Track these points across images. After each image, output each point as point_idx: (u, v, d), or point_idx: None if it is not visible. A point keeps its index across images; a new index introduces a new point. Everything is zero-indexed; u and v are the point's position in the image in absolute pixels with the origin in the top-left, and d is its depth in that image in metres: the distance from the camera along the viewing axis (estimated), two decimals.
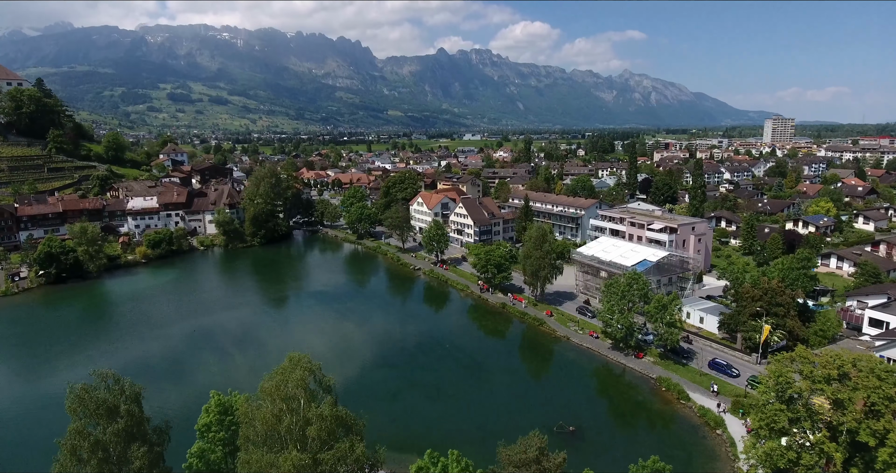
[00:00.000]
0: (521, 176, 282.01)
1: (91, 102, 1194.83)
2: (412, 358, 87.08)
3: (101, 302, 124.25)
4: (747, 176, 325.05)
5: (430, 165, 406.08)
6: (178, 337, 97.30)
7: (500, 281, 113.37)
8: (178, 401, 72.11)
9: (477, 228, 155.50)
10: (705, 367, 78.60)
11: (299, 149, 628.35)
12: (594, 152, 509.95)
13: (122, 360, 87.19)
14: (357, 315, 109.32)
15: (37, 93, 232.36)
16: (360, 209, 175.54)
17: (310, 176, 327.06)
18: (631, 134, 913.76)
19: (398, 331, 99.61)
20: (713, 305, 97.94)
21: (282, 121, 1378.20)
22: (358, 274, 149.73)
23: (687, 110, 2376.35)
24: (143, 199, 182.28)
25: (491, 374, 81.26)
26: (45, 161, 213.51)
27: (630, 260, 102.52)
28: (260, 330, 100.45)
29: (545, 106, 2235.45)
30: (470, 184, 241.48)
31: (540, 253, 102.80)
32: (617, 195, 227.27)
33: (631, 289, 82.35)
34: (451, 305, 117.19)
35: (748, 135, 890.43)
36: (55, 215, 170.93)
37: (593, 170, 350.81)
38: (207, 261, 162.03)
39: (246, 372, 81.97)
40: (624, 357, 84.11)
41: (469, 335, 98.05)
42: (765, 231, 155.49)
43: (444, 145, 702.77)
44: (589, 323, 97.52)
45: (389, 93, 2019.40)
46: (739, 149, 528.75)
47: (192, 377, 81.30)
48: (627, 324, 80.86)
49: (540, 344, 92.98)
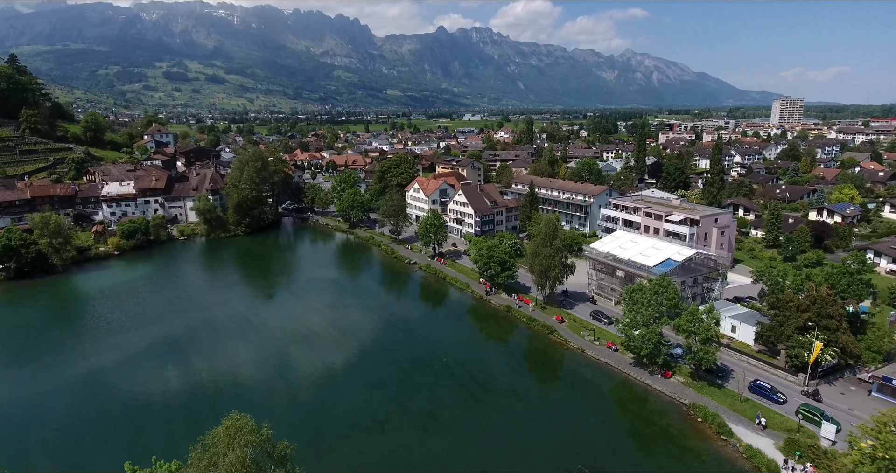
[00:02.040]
0: (523, 158, 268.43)
1: (86, 81, 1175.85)
2: (404, 376, 75.58)
3: (61, 302, 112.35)
4: (758, 159, 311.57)
5: (428, 147, 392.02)
6: (139, 346, 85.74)
7: (505, 280, 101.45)
8: (121, 441, 60.84)
9: (478, 218, 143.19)
10: (745, 390, 67.12)
11: (296, 129, 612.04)
12: (597, 133, 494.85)
13: (66, 377, 75.94)
14: (344, 319, 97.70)
15: (8, 70, 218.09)
16: (352, 195, 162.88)
17: (304, 157, 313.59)
18: (633, 114, 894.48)
19: (389, 341, 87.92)
20: (747, 311, 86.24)
21: (279, 101, 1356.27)
22: (347, 269, 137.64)
23: (689, 90, 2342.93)
24: (119, 185, 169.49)
25: (495, 397, 69.84)
26: (18, 143, 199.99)
27: (652, 258, 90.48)
28: (232, 339, 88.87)
29: (546, 85, 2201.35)
30: (470, 167, 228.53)
31: (550, 251, 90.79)
32: (625, 180, 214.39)
33: (659, 298, 70.48)
34: (449, 307, 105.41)
35: (753, 115, 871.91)
36: (23, 202, 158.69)
37: (598, 151, 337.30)
38: (186, 253, 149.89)
39: (210, 394, 70.66)
40: (648, 375, 72.65)
41: (469, 345, 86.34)
42: (789, 221, 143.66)
43: (443, 125, 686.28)
44: (605, 332, 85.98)
45: (388, 72, 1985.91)
46: (747, 130, 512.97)
47: (145, 403, 69.92)
48: (655, 340, 69.09)
49: (550, 358, 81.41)
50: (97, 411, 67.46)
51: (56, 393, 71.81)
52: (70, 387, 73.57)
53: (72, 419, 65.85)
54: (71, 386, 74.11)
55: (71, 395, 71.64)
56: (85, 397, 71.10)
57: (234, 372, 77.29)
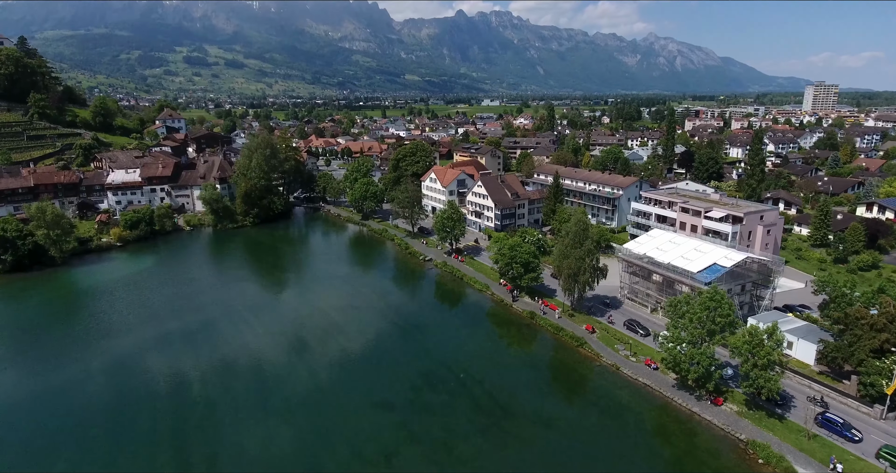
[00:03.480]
0: (545, 146, 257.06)
1: (108, 66, 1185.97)
2: (415, 394, 67.17)
3: (56, 298, 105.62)
4: (793, 148, 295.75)
5: (446, 133, 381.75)
6: (128, 353, 78.58)
7: (528, 283, 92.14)
8: None
9: (498, 211, 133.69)
10: (812, 423, 57.53)
11: (313, 114, 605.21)
12: (620, 120, 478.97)
13: (41, 386, 68.97)
14: (352, 324, 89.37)
15: (16, 53, 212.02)
16: (364, 185, 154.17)
17: (319, 143, 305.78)
18: (656, 100, 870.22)
19: (400, 350, 79.42)
20: (804, 325, 76.16)
21: (298, 86, 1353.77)
22: (358, 266, 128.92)
23: (713, 76, 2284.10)
24: (125, 172, 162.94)
25: (519, 424, 61.11)
26: (25, 128, 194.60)
27: (695, 263, 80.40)
28: (228, 345, 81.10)
29: (566, 70, 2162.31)
30: (489, 155, 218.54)
31: (580, 253, 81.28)
32: (653, 170, 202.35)
33: (711, 314, 60.76)
34: (466, 311, 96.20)
35: (781, 102, 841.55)
36: (25, 190, 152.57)
37: (622, 139, 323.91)
38: (190, 245, 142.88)
39: (199, 413, 63.16)
40: (695, 401, 63.25)
41: (489, 357, 77.28)
42: (837, 217, 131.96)
43: (461, 111, 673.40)
44: (642, 345, 76.52)
45: (407, 56, 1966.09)
46: (778, 117, 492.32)
47: (122, 422, 62.64)
48: (707, 363, 59.52)
49: (581, 376, 72.21)
50: (69, 425, 60.45)
51: (24, 405, 65.11)
52: (36, 398, 66.81)
53: (47, 431, 58.89)
54: (43, 395, 67.30)
55: (40, 406, 64.86)
56: (56, 408, 64.17)
57: (225, 383, 69.67)
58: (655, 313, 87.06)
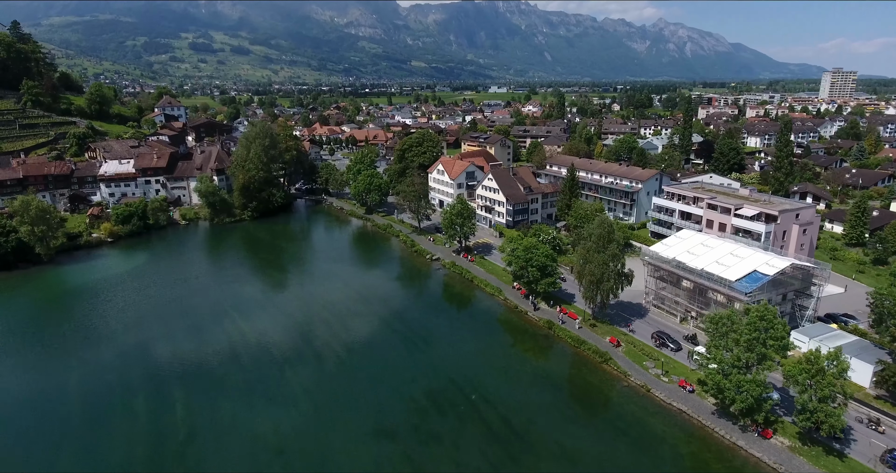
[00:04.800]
0: (556, 135, 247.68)
1: (114, 52, 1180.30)
2: (421, 419, 59.92)
3: (36, 300, 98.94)
4: (814, 137, 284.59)
5: (453, 120, 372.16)
6: (105, 365, 71.82)
7: (546, 289, 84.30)
8: None
9: (510, 206, 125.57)
10: (877, 462, 49.88)
11: (318, 101, 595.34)
12: (630, 107, 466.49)
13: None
14: (351, 333, 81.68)
15: (7, 38, 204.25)
16: (368, 178, 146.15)
17: (323, 132, 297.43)
18: (665, 87, 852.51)
19: (404, 365, 72.04)
20: (855, 340, 68.25)
21: (304, 72, 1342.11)
22: (360, 266, 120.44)
23: (724, 62, 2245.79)
24: (119, 163, 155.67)
25: (538, 457, 53.77)
26: (18, 116, 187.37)
27: (733, 270, 72.17)
28: (219, 355, 74.29)
29: (574, 57, 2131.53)
30: (499, 145, 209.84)
31: (604, 257, 73.35)
32: (670, 161, 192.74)
33: (761, 336, 52.84)
34: (477, 319, 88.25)
35: (793, 89, 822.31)
36: (14, 182, 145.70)
37: (635, 128, 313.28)
38: (185, 242, 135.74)
39: (178, 443, 56.24)
40: (740, 433, 55.63)
41: (503, 374, 69.57)
42: (873, 214, 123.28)
43: (468, 98, 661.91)
44: (673, 362, 68.73)
45: (413, 43, 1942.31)
46: (794, 105, 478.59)
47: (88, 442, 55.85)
48: (757, 393, 51.72)
49: (607, 399, 64.53)
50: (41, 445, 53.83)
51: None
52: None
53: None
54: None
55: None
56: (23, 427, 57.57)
57: (210, 405, 62.72)
58: (685, 323, 79.27)
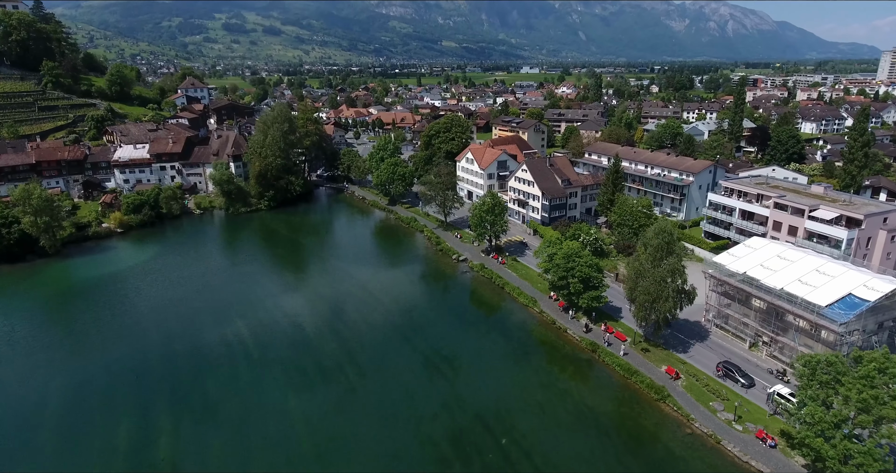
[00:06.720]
0: (593, 119, 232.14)
1: (150, 33, 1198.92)
2: (442, 470, 50.09)
3: (33, 298, 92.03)
4: (876, 123, 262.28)
5: (483, 102, 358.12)
6: (87, 376, 64.03)
7: (589, 303, 72.90)
8: None
9: (546, 201, 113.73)
10: None
11: (347, 82, 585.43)
12: (670, 89, 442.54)
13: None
14: (365, 351, 71.42)
15: (28, 17, 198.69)
16: (391, 166, 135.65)
17: (350, 114, 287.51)
18: (706, 68, 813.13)
19: (424, 396, 61.70)
20: None
21: (334, 53, 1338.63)
22: (379, 267, 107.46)
23: (767, 41, 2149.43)
24: (134, 148, 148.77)
25: None
26: (37, 98, 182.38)
27: (822, 292, 59.46)
28: (218, 369, 66.01)
29: (609, 36, 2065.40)
30: (532, 130, 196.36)
31: (661, 272, 61.70)
32: (719, 148, 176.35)
33: (880, 394, 40.96)
34: (509, 337, 76.44)
35: (844, 70, 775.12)
36: (27, 167, 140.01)
37: (677, 111, 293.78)
38: (197, 233, 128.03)
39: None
40: None
41: (539, 412, 57.86)
42: None
43: (499, 79, 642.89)
44: (746, 403, 56.95)
45: (444, 22, 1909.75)
46: (850, 87, 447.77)
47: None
48: (876, 469, 40.12)
49: (668, 451, 52.82)
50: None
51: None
52: None
53: None
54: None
55: None
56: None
57: (199, 433, 54.15)
58: (755, 350, 67.25)
